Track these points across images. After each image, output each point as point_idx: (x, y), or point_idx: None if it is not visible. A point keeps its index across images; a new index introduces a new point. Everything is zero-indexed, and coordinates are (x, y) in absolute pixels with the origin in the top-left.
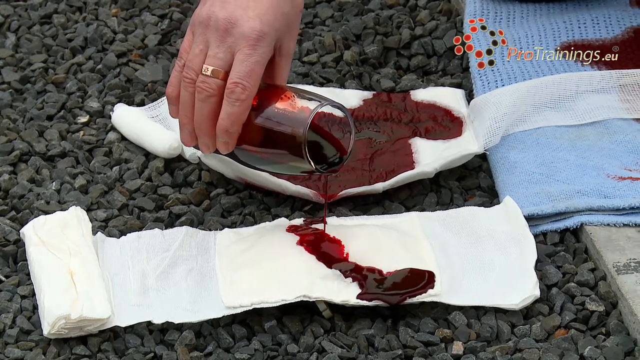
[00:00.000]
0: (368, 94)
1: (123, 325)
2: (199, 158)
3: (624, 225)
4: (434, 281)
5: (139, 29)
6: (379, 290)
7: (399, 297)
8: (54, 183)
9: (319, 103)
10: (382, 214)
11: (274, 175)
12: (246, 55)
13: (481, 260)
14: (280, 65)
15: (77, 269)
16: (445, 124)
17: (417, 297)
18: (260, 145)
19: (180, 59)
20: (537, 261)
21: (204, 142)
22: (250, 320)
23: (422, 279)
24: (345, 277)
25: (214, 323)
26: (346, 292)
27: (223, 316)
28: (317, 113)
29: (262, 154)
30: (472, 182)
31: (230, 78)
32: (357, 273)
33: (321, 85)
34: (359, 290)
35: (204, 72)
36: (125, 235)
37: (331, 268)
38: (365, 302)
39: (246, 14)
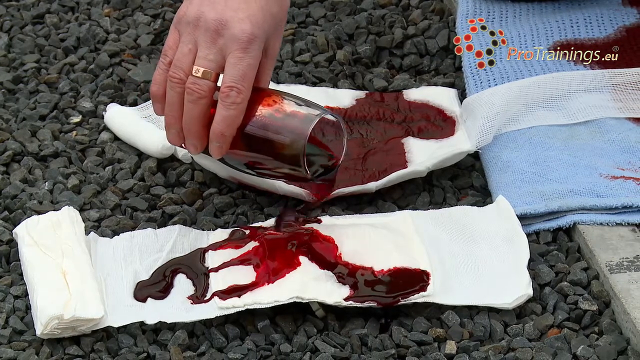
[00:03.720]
0: (361, 94)
1: (116, 325)
2: (192, 158)
3: (617, 224)
4: (428, 282)
5: (131, 29)
6: (372, 292)
7: (392, 299)
8: (46, 183)
9: (317, 112)
10: (375, 213)
11: (262, 177)
12: (238, 59)
13: (474, 260)
14: (265, 67)
15: (69, 269)
16: (438, 124)
17: (410, 297)
18: (252, 150)
19: (165, 57)
20: (530, 260)
21: (192, 143)
22: (243, 320)
23: (416, 279)
24: (338, 280)
25: (207, 323)
26: (339, 293)
27: (216, 316)
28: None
29: (253, 159)
30: (464, 182)
31: (224, 82)
32: (350, 274)
33: (314, 84)
34: (352, 291)
35: (194, 74)
36: (118, 235)
37: (324, 269)
38: (358, 304)
39: (237, 16)
